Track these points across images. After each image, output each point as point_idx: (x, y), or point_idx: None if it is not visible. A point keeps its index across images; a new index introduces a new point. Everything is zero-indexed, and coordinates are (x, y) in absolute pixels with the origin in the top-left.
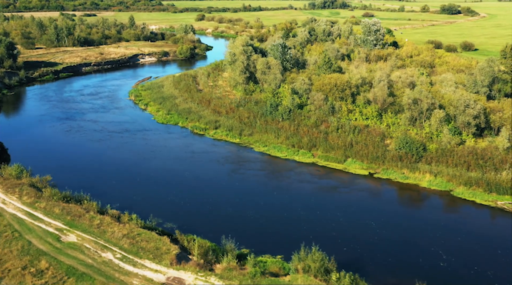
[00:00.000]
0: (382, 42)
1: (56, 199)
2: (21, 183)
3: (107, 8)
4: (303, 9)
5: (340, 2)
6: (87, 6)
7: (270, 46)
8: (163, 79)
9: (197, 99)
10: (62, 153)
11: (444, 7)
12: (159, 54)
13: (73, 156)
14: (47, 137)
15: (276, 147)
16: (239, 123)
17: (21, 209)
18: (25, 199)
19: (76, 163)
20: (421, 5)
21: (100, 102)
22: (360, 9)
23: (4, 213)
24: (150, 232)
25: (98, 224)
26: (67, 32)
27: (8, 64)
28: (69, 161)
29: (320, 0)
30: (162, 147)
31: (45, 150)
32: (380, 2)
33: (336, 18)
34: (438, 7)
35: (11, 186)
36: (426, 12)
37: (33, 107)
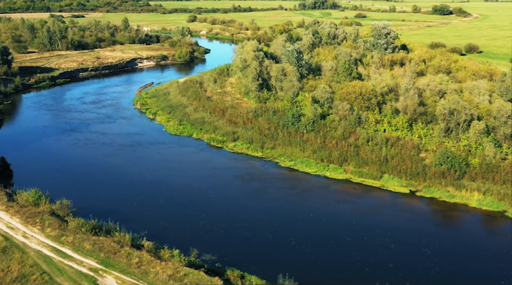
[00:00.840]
0: (393, 46)
1: (84, 231)
2: (40, 211)
3: (94, 9)
4: (293, 10)
5: (330, 3)
6: (73, 7)
7: (284, 51)
8: (167, 86)
9: (209, 108)
10: (71, 170)
11: (436, 8)
12: (157, 58)
13: (85, 173)
14: (52, 151)
15: (303, 161)
16: (259, 135)
17: (46, 245)
18: (49, 231)
19: (89, 182)
20: (411, 5)
21: (104, 111)
22: (351, 10)
23: (27, 249)
24: (198, 272)
25: (137, 263)
26: (60, 36)
27: (3, 70)
28: (82, 179)
29: (311, 1)
30: (180, 163)
31: (52, 166)
32: (368, 2)
33: (329, 19)
34: (429, 8)
35: (31, 215)
36: (417, 12)
37: (34, 117)
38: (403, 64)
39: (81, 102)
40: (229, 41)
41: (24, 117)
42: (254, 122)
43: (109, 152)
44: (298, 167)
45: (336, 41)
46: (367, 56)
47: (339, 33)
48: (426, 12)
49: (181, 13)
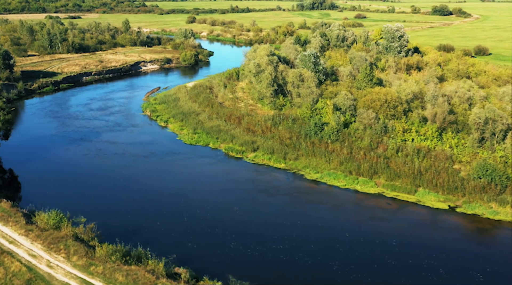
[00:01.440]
0: (406, 49)
1: (113, 259)
2: (63, 236)
3: (90, 10)
4: (291, 10)
5: (328, 3)
6: (69, 8)
7: (300, 56)
8: (175, 91)
9: (223, 115)
10: (84, 184)
11: (435, 8)
12: (161, 61)
13: (99, 187)
14: (62, 162)
15: (330, 174)
16: (280, 145)
17: (74, 276)
18: (75, 259)
19: (106, 197)
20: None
21: (113, 118)
22: (350, 10)
23: (54, 282)
24: None
25: None
26: (61, 38)
27: (5, 75)
28: (97, 194)
29: (309, 1)
30: (199, 175)
31: (63, 179)
32: (366, 2)
33: (328, 20)
34: (427, 8)
35: (53, 241)
36: (417, 13)
37: (40, 125)
38: (419, 68)
39: (88, 109)
40: (230, 43)
41: (30, 125)
42: (274, 131)
43: (122, 163)
44: (325, 180)
45: (346, 44)
46: (382, 60)
47: (348, 35)
48: (426, 13)
49: (179, 14)
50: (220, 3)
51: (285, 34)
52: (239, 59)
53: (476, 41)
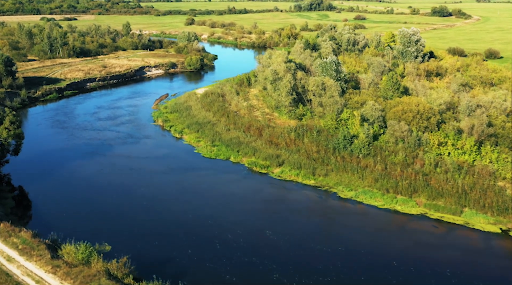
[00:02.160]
0: (422, 53)
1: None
2: (95, 273)
3: (86, 11)
4: (289, 11)
5: (326, 4)
6: (64, 9)
7: (320, 63)
8: (186, 98)
9: (241, 126)
10: (101, 205)
11: (435, 10)
12: (166, 66)
13: (118, 209)
14: (75, 178)
15: (365, 192)
16: (307, 159)
17: None
18: None
19: (127, 221)
20: (404, 6)
21: (124, 129)
22: (348, 11)
23: None
24: None
25: None
26: (62, 42)
27: (7, 82)
28: (117, 216)
29: (307, 2)
30: (225, 194)
31: (78, 198)
32: (361, 3)
33: (328, 21)
34: (424, 9)
35: (85, 279)
36: (416, 14)
37: (49, 137)
38: (438, 74)
39: (97, 118)
40: (232, 46)
41: (38, 137)
42: (299, 144)
43: (141, 181)
44: (361, 199)
45: (357, 48)
46: (400, 66)
47: (359, 39)
48: (425, 14)
49: (176, 15)
50: (215, 4)
51: (288, 37)
52: (245, 63)
53: (483, 43)
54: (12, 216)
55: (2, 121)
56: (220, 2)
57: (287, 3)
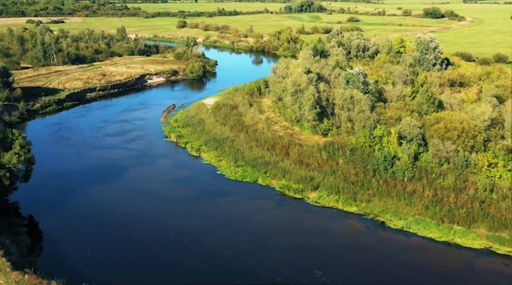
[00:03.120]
0: (440, 61)
1: None
2: None
3: (72, 13)
4: (279, 13)
5: (317, 6)
6: (50, 11)
7: (345, 74)
8: (196, 110)
9: (264, 143)
10: (124, 240)
11: (427, 11)
12: (167, 73)
13: (145, 245)
14: (89, 206)
15: (418, 221)
16: (344, 182)
17: None
18: None
19: (156, 260)
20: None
21: (135, 146)
22: (339, 13)
23: None
24: None
25: None
26: (56, 49)
27: (4, 95)
28: (144, 256)
29: (297, 4)
30: (262, 225)
31: (95, 231)
32: (349, 4)
33: (321, 24)
34: (414, 10)
35: None
36: (408, 15)
37: (55, 157)
38: (461, 84)
39: (104, 134)
40: (229, 50)
41: (44, 157)
42: (332, 164)
43: (163, 209)
44: (414, 230)
45: (367, 54)
46: (421, 75)
47: (369, 45)
48: (418, 15)
49: (165, 17)
50: (202, 5)
51: (288, 41)
52: (246, 69)
53: (485, 47)
54: (30, 257)
55: (6, 143)
56: (207, 3)
57: (275, 4)
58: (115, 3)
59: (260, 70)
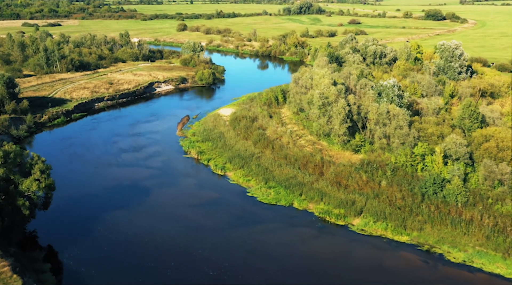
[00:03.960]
0: (465, 69)
1: None
2: None
3: (68, 16)
4: (278, 15)
5: (316, 8)
6: (45, 14)
7: (378, 86)
8: (213, 122)
9: (294, 161)
10: (157, 276)
11: (428, 13)
12: (176, 81)
13: (183, 282)
14: (114, 235)
15: (480, 254)
16: (389, 207)
17: None
18: None
19: None
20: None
21: (154, 163)
22: (338, 15)
23: None
24: None
25: None
26: (59, 55)
27: (10, 107)
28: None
29: (296, 6)
30: (307, 259)
31: (123, 268)
32: (347, 5)
33: (323, 26)
34: (410, 11)
35: None
36: (409, 17)
37: (70, 176)
38: (491, 94)
39: (119, 149)
40: (232, 54)
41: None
42: (373, 186)
43: (195, 239)
44: (478, 264)
45: (385, 61)
46: (450, 85)
47: (386, 51)
48: (419, 17)
49: (163, 20)
50: (198, 6)
51: (295, 46)
52: (254, 74)
53: (497, 51)
54: None
55: (24, 169)
56: (203, 5)
57: (275, 5)
58: (110, 4)
59: (269, 75)
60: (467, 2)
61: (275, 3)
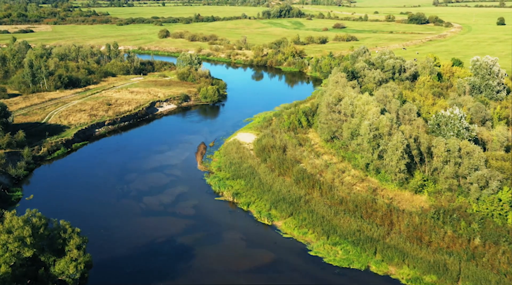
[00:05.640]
0: (502, 86)
1: None
2: None
3: (39, 21)
4: (257, 18)
5: (296, 11)
6: (14, 19)
7: (438, 117)
8: (236, 153)
9: (354, 208)
10: None
11: (412, 17)
12: (178, 99)
13: None
14: None
15: None
16: (494, 274)
17: None
18: None
19: None
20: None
21: (184, 210)
22: (318, 18)
23: None
24: None
25: None
26: (47, 72)
27: (5, 140)
28: None
29: (276, 9)
30: None
31: None
32: (322, 7)
33: (308, 31)
34: (384, 13)
35: None
36: (392, 21)
37: (91, 230)
38: None
39: (138, 191)
40: (223, 63)
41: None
42: (463, 242)
43: None
44: None
45: (404, 76)
46: (496, 107)
47: (406, 65)
48: (402, 21)
49: (140, 25)
50: (171, 9)
51: (293, 55)
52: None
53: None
54: None
55: (56, 245)
56: (176, 7)
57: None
58: (79, 7)
59: (271, 88)
60: (440, 4)
61: (250, 5)
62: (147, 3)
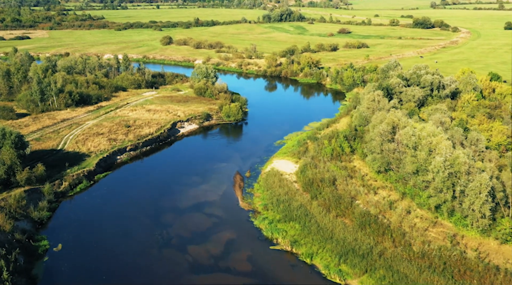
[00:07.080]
0: None
1: None
2: None
3: (34, 26)
4: (258, 22)
5: (296, 15)
6: (8, 24)
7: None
8: (280, 187)
9: (443, 265)
10: None
11: (417, 21)
12: (200, 119)
13: None
14: None
15: None
16: None
17: None
18: None
19: None
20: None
21: (239, 265)
22: (319, 22)
23: None
24: None
25: None
26: (57, 89)
27: (24, 176)
28: None
29: (276, 13)
30: None
31: None
32: (319, 10)
33: (312, 37)
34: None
35: None
36: (396, 25)
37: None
38: None
39: (180, 238)
40: (235, 73)
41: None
42: None
43: None
44: None
45: (444, 94)
46: None
47: (445, 81)
48: (406, 25)
49: (139, 30)
50: (166, 11)
51: (309, 66)
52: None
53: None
54: None
55: None
56: (171, 9)
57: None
58: (73, 10)
59: (292, 103)
60: (438, 6)
61: (246, 7)
62: (141, 6)
